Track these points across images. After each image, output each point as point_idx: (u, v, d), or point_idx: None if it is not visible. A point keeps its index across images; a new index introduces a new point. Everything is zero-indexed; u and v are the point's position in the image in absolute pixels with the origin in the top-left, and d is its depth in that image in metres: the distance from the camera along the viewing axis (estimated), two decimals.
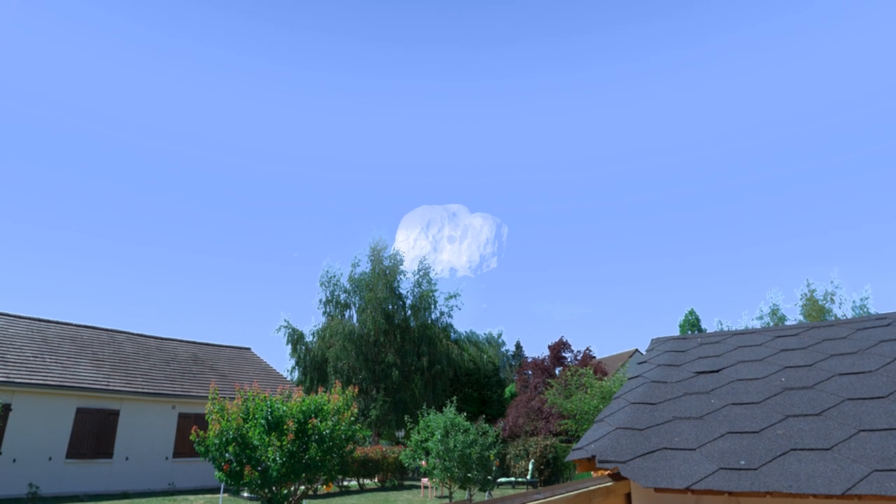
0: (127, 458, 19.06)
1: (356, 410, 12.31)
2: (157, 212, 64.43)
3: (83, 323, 23.18)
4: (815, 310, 27.61)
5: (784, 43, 52.54)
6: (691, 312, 34.14)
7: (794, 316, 29.14)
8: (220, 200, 67.18)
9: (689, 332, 29.51)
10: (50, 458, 17.46)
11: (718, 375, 3.28)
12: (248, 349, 28.61)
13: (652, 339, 4.31)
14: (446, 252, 57.45)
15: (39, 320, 21.91)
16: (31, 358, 18.73)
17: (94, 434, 18.55)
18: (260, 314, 71.62)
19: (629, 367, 36.33)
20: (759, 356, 3.43)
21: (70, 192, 59.07)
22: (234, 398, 11.75)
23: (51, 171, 57.00)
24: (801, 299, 28.79)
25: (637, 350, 37.97)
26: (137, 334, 24.58)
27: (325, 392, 12.25)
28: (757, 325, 31.01)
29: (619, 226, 70.21)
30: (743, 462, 2.28)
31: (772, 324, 29.63)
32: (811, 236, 56.29)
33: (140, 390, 19.76)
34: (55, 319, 22.40)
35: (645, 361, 3.88)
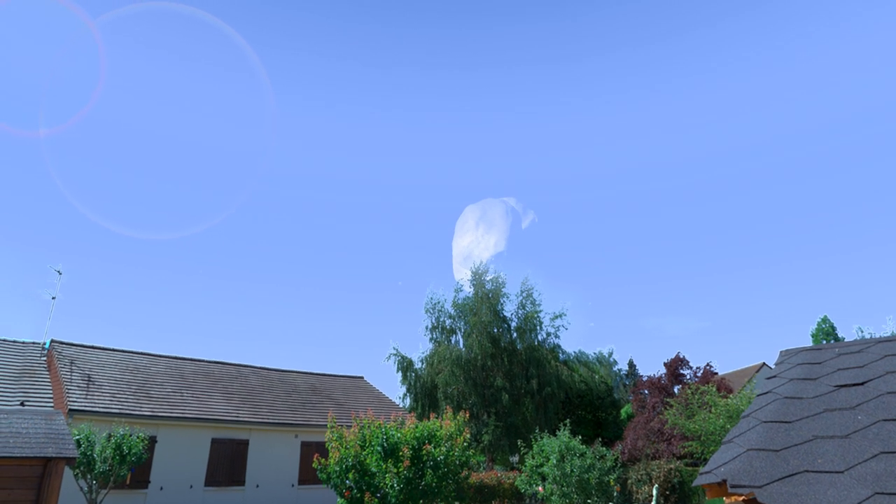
0: (257, 486, 20.22)
1: (468, 436, 12.32)
2: (274, 253, 68.94)
3: (214, 359, 25.13)
4: None
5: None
6: (825, 320, 31.17)
7: None
8: (329, 239, 70.74)
9: (824, 342, 26.89)
10: (191, 486, 18.90)
11: (864, 388, 2.95)
12: (362, 378, 29.59)
13: (781, 352, 3.98)
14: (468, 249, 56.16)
15: (177, 358, 24.01)
16: (172, 393, 20.50)
17: (227, 463, 19.89)
18: (370, 343, 74.14)
19: (757, 383, 33.65)
20: None
21: (194, 239, 64.71)
22: (350, 426, 12.18)
23: (176, 219, 62.93)
24: None
25: (764, 364, 35.18)
26: (261, 367, 26.22)
27: (436, 418, 12.38)
28: None
29: (734, 232, 66.12)
30: None
31: None
32: None
33: (266, 420, 20.98)
34: (190, 357, 24.46)
35: (775, 376, 3.58)
